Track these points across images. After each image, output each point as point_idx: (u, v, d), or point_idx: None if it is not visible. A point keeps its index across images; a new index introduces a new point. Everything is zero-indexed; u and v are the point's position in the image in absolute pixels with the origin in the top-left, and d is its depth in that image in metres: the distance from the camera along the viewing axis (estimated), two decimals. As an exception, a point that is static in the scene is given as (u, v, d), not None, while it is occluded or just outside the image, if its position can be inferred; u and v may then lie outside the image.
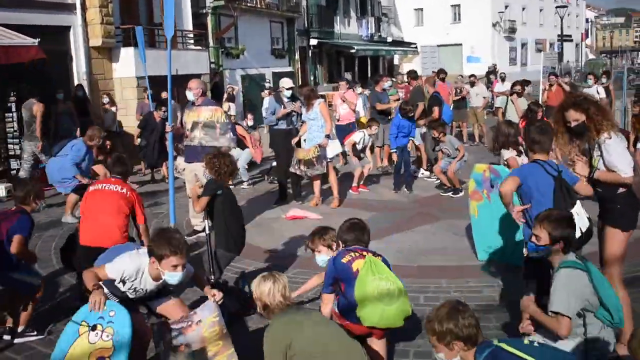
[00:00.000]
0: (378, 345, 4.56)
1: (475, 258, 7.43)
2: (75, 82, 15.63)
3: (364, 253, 4.48)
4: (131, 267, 4.41)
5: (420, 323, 5.59)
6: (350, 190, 11.29)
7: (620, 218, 4.63)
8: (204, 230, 8.36)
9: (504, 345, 3.24)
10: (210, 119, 8.42)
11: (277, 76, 27.63)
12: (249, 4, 25.29)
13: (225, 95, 19.98)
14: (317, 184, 10.53)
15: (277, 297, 3.90)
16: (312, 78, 32.03)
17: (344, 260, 4.41)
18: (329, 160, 10.20)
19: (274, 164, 11.98)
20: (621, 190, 4.56)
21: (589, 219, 4.58)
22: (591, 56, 71.58)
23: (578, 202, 4.53)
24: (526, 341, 3.40)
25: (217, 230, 6.03)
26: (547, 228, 3.92)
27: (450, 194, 11.00)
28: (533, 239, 4.04)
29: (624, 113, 14.70)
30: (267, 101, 10.97)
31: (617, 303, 3.85)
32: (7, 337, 5.62)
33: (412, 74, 14.49)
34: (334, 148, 10.43)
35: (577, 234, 4.24)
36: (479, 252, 7.36)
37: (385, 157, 13.59)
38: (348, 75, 35.49)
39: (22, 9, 13.91)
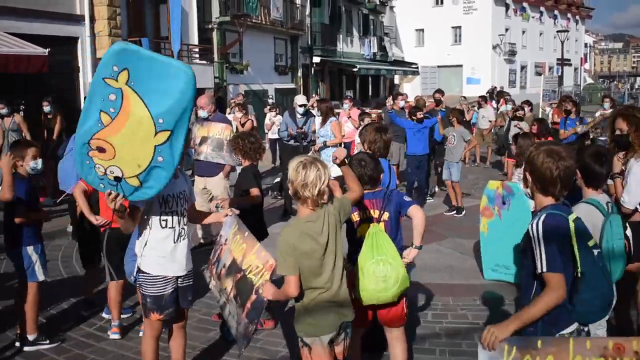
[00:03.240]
0: (398, 342, 4.56)
1: (481, 277, 7.46)
2: (82, 93, 15.71)
3: (373, 213, 4.38)
4: None
5: (426, 341, 5.64)
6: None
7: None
8: (210, 242, 8.46)
9: (573, 226, 3.12)
10: (219, 136, 8.50)
11: (280, 92, 27.87)
12: (254, 21, 25.46)
13: (227, 110, 20.01)
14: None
15: (314, 190, 3.59)
16: (314, 95, 32.15)
17: (353, 218, 4.38)
18: (333, 178, 10.26)
19: (277, 180, 12.06)
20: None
21: None
22: (589, 80, 72.04)
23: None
24: (592, 242, 3.25)
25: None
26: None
27: (453, 213, 11.07)
28: None
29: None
30: (284, 116, 11.12)
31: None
32: (17, 344, 5.63)
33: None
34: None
35: None
36: (485, 271, 7.38)
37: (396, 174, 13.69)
38: (349, 94, 35.72)
39: (31, 19, 14.05)
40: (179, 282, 4.41)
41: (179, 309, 4.52)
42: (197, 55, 20.67)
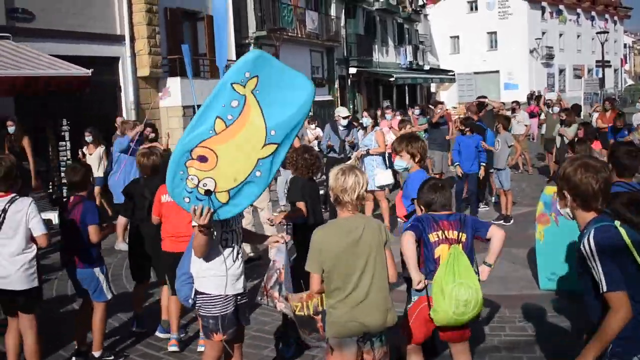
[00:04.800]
0: (463, 354, 4.55)
1: (536, 287, 7.27)
2: (124, 112, 15.93)
3: (450, 235, 4.33)
4: None
5: (485, 355, 5.49)
6: (399, 219, 11.18)
7: None
8: (259, 258, 8.43)
9: (622, 231, 2.97)
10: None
11: (317, 105, 27.84)
12: (290, 34, 25.56)
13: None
14: (368, 212, 10.51)
15: (354, 195, 3.83)
16: (351, 107, 32.13)
17: (431, 238, 4.32)
18: (381, 188, 10.21)
19: (321, 192, 11.96)
20: None
21: None
22: (630, 82, 70.63)
23: None
24: None
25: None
26: None
27: (501, 222, 10.82)
28: None
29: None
30: (326, 128, 11.11)
31: None
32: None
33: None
34: (386, 177, 10.41)
35: None
36: (541, 280, 7.20)
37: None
38: (386, 104, 35.57)
39: (73, 40, 14.30)
40: (238, 300, 4.37)
41: (240, 327, 4.48)
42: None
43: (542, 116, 19.76)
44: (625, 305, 2.86)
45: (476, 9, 53.10)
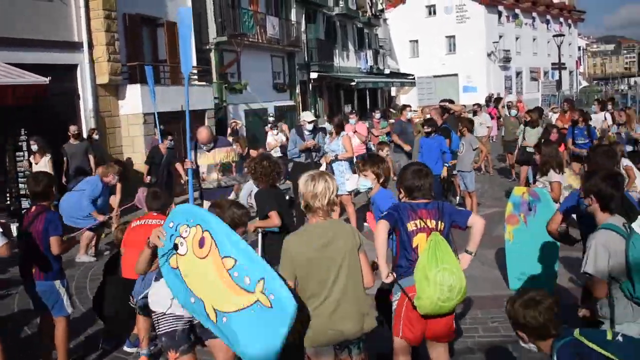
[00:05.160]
0: (442, 353, 4.51)
1: (506, 287, 7.31)
2: (83, 120, 15.60)
3: (429, 223, 4.28)
4: None
5: (459, 357, 5.47)
6: (366, 224, 11.16)
7: None
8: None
9: (584, 339, 3.06)
10: (226, 160, 8.47)
11: (279, 110, 27.79)
12: (251, 39, 25.42)
13: (229, 130, 19.95)
14: (335, 217, 10.47)
15: (324, 200, 3.80)
16: (312, 111, 32.11)
17: (409, 227, 4.26)
18: (347, 193, 10.18)
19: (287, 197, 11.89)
20: None
21: None
22: (584, 83, 72.21)
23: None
24: (609, 335, 3.14)
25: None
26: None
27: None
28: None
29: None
30: (291, 133, 11.03)
31: None
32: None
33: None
34: (353, 182, 10.36)
35: None
36: (511, 280, 7.24)
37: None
38: (348, 108, 35.65)
39: (29, 48, 13.93)
40: (193, 318, 4.23)
41: (196, 344, 4.47)
42: (196, 77, 20.57)
43: (502, 119, 20.04)
44: (603, 291, 2.97)
45: (434, 13, 53.67)
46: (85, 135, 14.57)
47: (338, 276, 3.79)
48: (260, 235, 5.92)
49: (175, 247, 3.71)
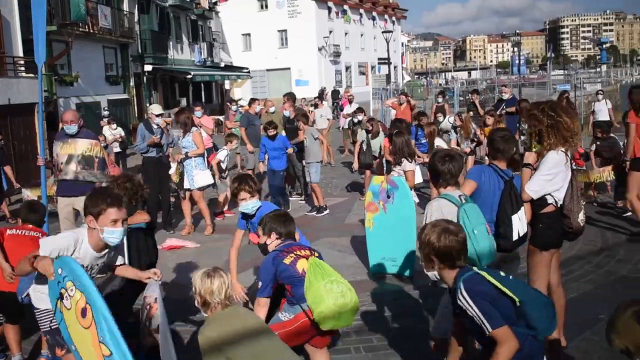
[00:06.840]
0: (323, 355, 4.60)
1: (367, 271, 7.65)
2: None
3: (303, 253, 4.41)
4: (67, 239, 4.03)
5: (338, 341, 5.68)
6: (216, 218, 11.15)
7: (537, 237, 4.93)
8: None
9: (484, 274, 3.34)
10: (89, 153, 7.94)
11: (113, 104, 26.73)
12: (82, 29, 24.17)
13: (60, 125, 18.86)
14: (187, 212, 10.38)
15: (222, 295, 3.77)
16: (147, 104, 31.19)
17: (286, 261, 4.33)
18: (198, 188, 10.11)
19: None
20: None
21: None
22: (407, 78, 76.42)
23: (522, 208, 4.75)
24: (502, 274, 3.48)
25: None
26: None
27: (314, 213, 11.23)
28: None
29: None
30: (139, 128, 10.59)
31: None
32: None
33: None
34: (205, 178, 10.30)
35: (514, 237, 4.55)
36: (372, 265, 7.58)
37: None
38: (184, 101, 35.05)
39: None
40: None
41: None
42: (23, 69, 19.23)
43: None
44: (511, 337, 3.19)
45: (266, 7, 54.26)
46: None
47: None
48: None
49: (61, 296, 3.63)
